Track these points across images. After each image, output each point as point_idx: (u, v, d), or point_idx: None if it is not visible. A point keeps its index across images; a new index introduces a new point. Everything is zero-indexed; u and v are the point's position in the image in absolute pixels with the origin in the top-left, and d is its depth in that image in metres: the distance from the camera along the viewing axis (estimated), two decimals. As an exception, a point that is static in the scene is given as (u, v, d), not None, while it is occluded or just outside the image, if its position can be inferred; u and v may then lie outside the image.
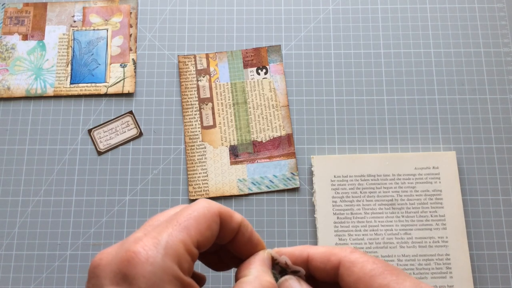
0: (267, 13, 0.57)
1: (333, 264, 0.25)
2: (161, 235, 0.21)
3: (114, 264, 0.20)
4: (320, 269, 0.25)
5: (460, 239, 0.48)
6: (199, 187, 0.51)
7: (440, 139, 0.53)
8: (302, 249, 0.26)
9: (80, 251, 0.50)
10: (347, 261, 0.24)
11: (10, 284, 0.49)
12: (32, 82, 0.54)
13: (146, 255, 0.20)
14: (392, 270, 0.23)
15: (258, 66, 0.55)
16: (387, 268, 0.23)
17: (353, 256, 0.24)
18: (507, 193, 0.51)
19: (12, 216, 0.51)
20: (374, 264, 0.24)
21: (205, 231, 0.22)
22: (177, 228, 0.21)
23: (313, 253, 0.26)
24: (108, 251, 0.21)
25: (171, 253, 0.20)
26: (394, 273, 0.23)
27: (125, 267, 0.20)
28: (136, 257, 0.20)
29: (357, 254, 0.24)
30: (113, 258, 0.20)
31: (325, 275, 0.26)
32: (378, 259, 0.24)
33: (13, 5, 0.57)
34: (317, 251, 0.26)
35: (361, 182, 0.50)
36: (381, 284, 0.23)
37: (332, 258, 0.25)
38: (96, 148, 0.53)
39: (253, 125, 0.53)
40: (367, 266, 0.24)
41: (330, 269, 0.25)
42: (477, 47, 0.55)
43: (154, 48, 0.56)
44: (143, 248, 0.20)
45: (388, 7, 0.57)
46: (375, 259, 0.24)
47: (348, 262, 0.24)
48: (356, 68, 0.55)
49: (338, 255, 0.25)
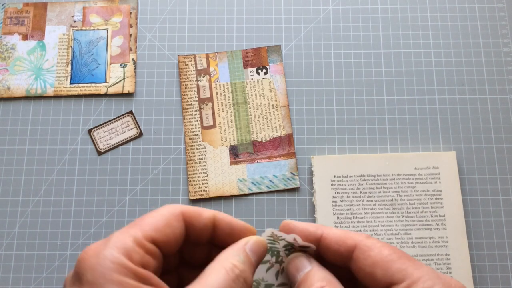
0: (267, 13, 0.57)
1: (348, 246, 0.25)
2: (114, 233, 0.22)
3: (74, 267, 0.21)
4: (333, 250, 0.26)
5: (460, 239, 0.48)
6: (199, 187, 0.51)
7: (440, 139, 0.53)
8: (317, 226, 0.26)
9: (80, 251, 0.50)
10: (364, 245, 0.25)
11: (10, 284, 0.49)
12: (32, 82, 0.54)
13: (94, 250, 0.21)
14: (409, 257, 0.24)
15: (258, 66, 0.55)
16: (403, 255, 0.24)
17: (370, 241, 0.25)
18: (507, 193, 0.51)
19: (12, 216, 0.51)
20: (391, 250, 0.24)
21: (162, 227, 0.23)
22: (130, 226, 0.22)
23: (328, 233, 0.26)
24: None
25: (118, 245, 0.21)
26: (411, 259, 0.24)
27: (77, 266, 0.21)
28: (85, 254, 0.21)
29: (373, 240, 0.25)
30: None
31: (337, 256, 0.26)
32: (394, 247, 0.25)
33: (13, 5, 0.57)
34: (332, 231, 0.26)
35: (361, 182, 0.50)
36: (399, 269, 0.23)
37: (348, 241, 0.25)
38: (96, 148, 0.53)
39: (253, 125, 0.53)
40: (384, 251, 0.24)
41: (344, 251, 0.25)
42: (477, 47, 0.55)
43: (154, 48, 0.56)
44: (93, 245, 0.21)
45: (388, 7, 0.57)
46: (391, 246, 0.24)
47: (364, 246, 0.25)
48: (356, 68, 0.55)
49: (355, 238, 0.25)
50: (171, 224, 0.23)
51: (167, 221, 0.23)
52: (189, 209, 0.24)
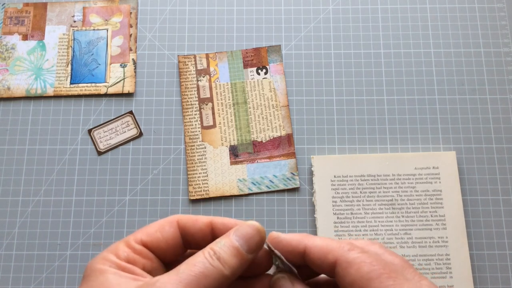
0: (267, 13, 0.57)
1: (329, 262, 0.24)
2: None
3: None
4: (316, 265, 0.25)
5: (460, 239, 0.48)
6: (199, 187, 0.51)
7: (440, 139, 0.53)
8: (300, 239, 0.26)
9: (80, 251, 0.50)
10: (343, 261, 0.23)
11: (10, 284, 0.49)
12: (32, 82, 0.54)
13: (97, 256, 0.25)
14: (391, 272, 0.22)
15: (258, 66, 0.55)
16: (385, 271, 0.22)
17: (351, 256, 0.23)
18: (507, 193, 0.51)
19: (12, 216, 0.51)
20: (372, 266, 0.23)
21: (153, 232, 0.26)
22: (131, 234, 0.26)
23: (310, 246, 0.25)
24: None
25: (111, 248, 0.25)
26: (391, 276, 0.22)
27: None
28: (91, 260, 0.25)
29: (355, 253, 0.23)
30: None
31: (322, 270, 0.25)
32: (378, 258, 0.23)
33: (13, 5, 0.57)
34: (314, 244, 0.25)
35: (361, 182, 0.50)
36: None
37: (329, 256, 0.24)
38: (96, 148, 0.53)
39: (253, 125, 0.53)
40: (363, 268, 0.23)
41: (326, 267, 0.24)
42: (477, 47, 0.55)
43: (154, 48, 0.56)
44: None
45: (388, 7, 0.57)
46: (374, 259, 0.23)
47: (344, 262, 0.23)
48: (356, 68, 0.55)
49: (335, 252, 0.24)
50: (163, 229, 0.26)
51: (159, 227, 0.26)
52: (186, 216, 0.27)
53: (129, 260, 0.24)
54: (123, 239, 0.25)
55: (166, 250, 0.26)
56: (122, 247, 0.25)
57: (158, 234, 0.26)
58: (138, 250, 0.25)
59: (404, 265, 0.24)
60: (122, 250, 0.25)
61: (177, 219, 0.26)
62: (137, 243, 0.25)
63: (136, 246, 0.25)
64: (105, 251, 0.24)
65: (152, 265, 0.25)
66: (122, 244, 0.25)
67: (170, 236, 0.26)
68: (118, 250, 0.24)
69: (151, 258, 0.25)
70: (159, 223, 0.26)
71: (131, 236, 0.25)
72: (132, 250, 0.25)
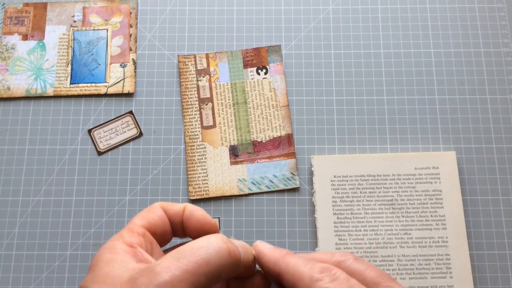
0: (267, 13, 0.57)
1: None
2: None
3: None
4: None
5: (460, 239, 0.48)
6: (199, 187, 0.51)
7: (440, 139, 0.53)
8: (276, 262, 0.25)
9: (80, 251, 0.50)
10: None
11: (10, 284, 0.49)
12: (32, 82, 0.54)
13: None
14: None
15: (258, 66, 0.55)
16: None
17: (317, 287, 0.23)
18: (507, 193, 0.51)
19: (12, 216, 0.51)
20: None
21: (146, 216, 0.27)
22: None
23: (283, 273, 0.25)
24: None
25: (117, 237, 0.26)
26: None
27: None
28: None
29: (322, 284, 0.23)
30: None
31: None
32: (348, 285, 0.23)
33: (13, 5, 0.57)
34: (287, 270, 0.24)
35: (361, 182, 0.50)
36: None
37: (298, 287, 0.23)
38: (96, 148, 0.53)
39: (253, 125, 0.53)
40: None
41: None
42: (477, 47, 0.55)
43: (154, 48, 0.56)
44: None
45: (388, 7, 0.57)
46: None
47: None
48: (356, 68, 0.55)
49: (303, 283, 0.23)
50: (155, 212, 0.28)
51: (150, 211, 0.28)
52: (165, 202, 0.29)
53: (134, 244, 0.25)
54: (124, 228, 0.26)
55: (164, 231, 0.27)
56: (126, 233, 0.26)
57: (150, 216, 0.27)
58: (142, 233, 0.26)
59: (378, 279, 0.24)
60: (126, 235, 0.25)
61: (160, 203, 0.28)
62: (138, 226, 0.26)
63: (140, 229, 0.26)
64: (110, 241, 0.25)
65: (153, 248, 0.27)
66: (126, 231, 0.26)
67: (159, 216, 0.27)
68: (124, 236, 0.25)
69: (148, 237, 0.26)
70: (147, 209, 0.28)
71: (130, 224, 0.26)
72: (137, 234, 0.26)
